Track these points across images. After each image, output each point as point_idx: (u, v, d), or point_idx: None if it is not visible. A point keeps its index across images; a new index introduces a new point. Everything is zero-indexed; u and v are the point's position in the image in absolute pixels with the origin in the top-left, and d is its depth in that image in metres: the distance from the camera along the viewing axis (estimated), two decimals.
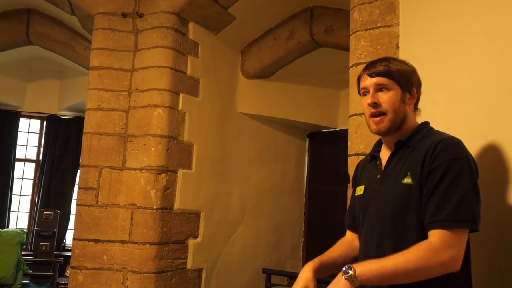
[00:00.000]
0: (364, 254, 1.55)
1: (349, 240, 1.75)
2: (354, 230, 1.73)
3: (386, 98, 1.51)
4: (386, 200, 1.49)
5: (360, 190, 1.64)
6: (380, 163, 1.59)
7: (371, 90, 1.53)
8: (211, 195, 3.92)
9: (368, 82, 1.54)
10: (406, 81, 1.53)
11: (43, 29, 4.95)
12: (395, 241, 1.44)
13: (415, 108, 1.60)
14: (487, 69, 1.87)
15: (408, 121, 1.54)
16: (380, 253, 1.45)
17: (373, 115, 1.53)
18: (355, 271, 1.32)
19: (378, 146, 1.67)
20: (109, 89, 3.53)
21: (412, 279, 1.32)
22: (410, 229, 1.42)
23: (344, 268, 1.35)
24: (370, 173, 1.63)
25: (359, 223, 1.63)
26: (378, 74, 1.52)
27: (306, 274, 1.50)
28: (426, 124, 1.58)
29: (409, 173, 1.44)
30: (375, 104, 1.52)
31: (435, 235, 1.33)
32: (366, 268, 1.34)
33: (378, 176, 1.56)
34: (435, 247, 1.31)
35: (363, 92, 1.57)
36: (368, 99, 1.53)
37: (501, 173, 1.73)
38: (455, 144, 1.42)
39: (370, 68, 1.55)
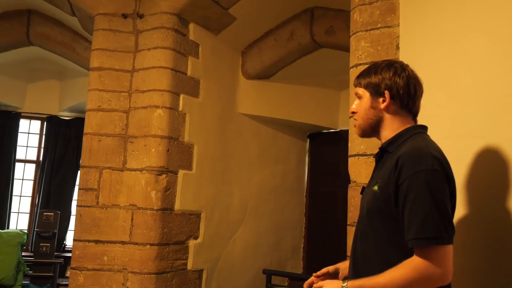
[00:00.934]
0: (351, 252, 1.65)
1: None
2: None
3: (358, 108, 1.63)
4: (364, 203, 1.58)
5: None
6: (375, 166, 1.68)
7: (356, 99, 1.66)
8: (211, 196, 3.92)
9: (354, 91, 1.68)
10: (374, 86, 1.57)
11: (44, 30, 4.95)
12: (364, 244, 1.53)
13: (406, 110, 1.57)
14: (488, 70, 1.87)
15: (387, 125, 1.57)
16: (354, 254, 1.57)
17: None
18: None
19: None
20: (110, 90, 3.53)
21: None
22: (376, 234, 1.48)
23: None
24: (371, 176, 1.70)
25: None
26: (355, 85, 1.65)
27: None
28: (411, 129, 1.55)
29: (378, 180, 1.49)
30: (352, 112, 1.67)
31: (418, 254, 1.35)
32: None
33: (370, 180, 1.64)
34: (419, 267, 1.33)
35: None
36: None
37: (501, 173, 1.73)
38: (417, 155, 1.41)
39: (355, 78, 1.67)
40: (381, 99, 1.56)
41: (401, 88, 1.55)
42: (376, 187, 1.48)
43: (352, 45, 2.48)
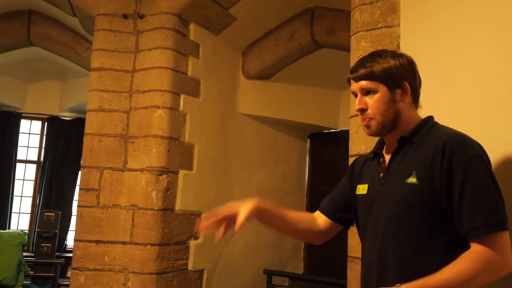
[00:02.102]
0: (367, 256, 1.49)
1: (314, 216, 1.74)
2: (326, 214, 1.71)
3: (371, 103, 1.46)
4: (389, 200, 1.42)
5: (363, 189, 1.56)
6: (384, 161, 1.52)
7: (359, 95, 1.50)
8: (212, 196, 3.92)
9: (354, 86, 1.51)
10: (392, 78, 1.45)
11: (44, 30, 4.95)
12: (397, 245, 1.38)
13: (415, 102, 1.52)
14: (489, 69, 1.87)
15: (404, 118, 1.47)
16: (382, 258, 1.41)
17: (363, 119, 1.50)
18: None
19: (381, 143, 1.60)
20: (110, 90, 3.53)
21: None
22: (414, 233, 1.35)
23: None
24: (374, 172, 1.55)
25: (362, 224, 1.55)
26: (361, 78, 1.47)
27: (247, 204, 1.57)
28: (429, 119, 1.51)
29: (414, 172, 1.37)
30: (362, 110, 1.49)
31: (480, 243, 1.26)
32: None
33: (381, 175, 1.49)
34: (484, 257, 1.25)
35: (354, 95, 1.54)
36: (355, 104, 1.51)
37: (502, 173, 1.73)
38: (465, 141, 1.35)
39: (354, 71, 1.50)
40: (399, 91, 1.46)
41: (416, 78, 1.50)
42: (413, 180, 1.35)
43: (353, 45, 2.48)
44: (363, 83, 1.47)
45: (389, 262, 1.39)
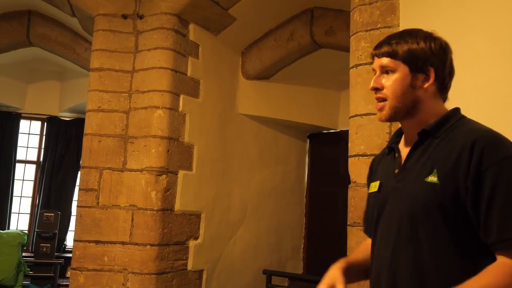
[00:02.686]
0: (378, 261, 1.34)
1: (368, 243, 1.50)
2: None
3: (388, 84, 1.31)
4: (404, 199, 1.27)
5: (374, 186, 1.40)
6: (400, 156, 1.36)
7: (377, 72, 1.35)
8: (212, 196, 3.92)
9: (374, 63, 1.36)
10: (417, 60, 1.30)
11: (44, 31, 4.95)
12: (414, 250, 1.23)
13: (441, 92, 1.36)
14: (488, 70, 1.87)
15: (424, 108, 1.32)
16: (394, 262, 1.27)
17: (377, 100, 1.35)
18: None
19: (397, 136, 1.43)
20: (110, 91, 3.53)
21: None
22: (433, 237, 1.21)
23: None
24: (388, 167, 1.39)
25: (373, 225, 1.39)
26: (383, 55, 1.33)
27: (333, 271, 1.31)
28: (456, 111, 1.35)
29: (435, 170, 1.21)
30: (376, 89, 1.34)
31: (508, 257, 1.12)
32: None
33: (397, 171, 1.33)
34: None
35: (374, 72, 1.38)
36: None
37: None
38: (498, 140, 1.20)
39: (377, 47, 1.36)
40: (421, 77, 1.30)
41: (447, 67, 1.34)
42: (434, 178, 1.20)
43: (352, 45, 2.48)
44: (384, 60, 1.32)
45: (403, 267, 1.25)
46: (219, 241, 4.01)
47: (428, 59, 1.31)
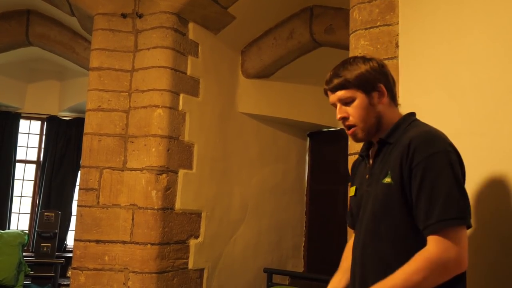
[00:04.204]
0: (353, 254, 1.54)
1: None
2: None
3: (352, 111, 1.48)
4: (370, 201, 1.46)
5: (352, 191, 1.61)
6: (369, 163, 1.56)
7: (338, 105, 1.52)
8: (212, 195, 3.92)
9: (332, 98, 1.53)
10: (366, 83, 1.46)
11: (43, 30, 4.95)
12: (377, 244, 1.41)
13: (393, 101, 1.53)
14: (487, 67, 1.87)
15: (385, 119, 1.49)
16: (364, 255, 1.45)
17: (346, 128, 1.53)
18: None
19: (368, 144, 1.62)
20: (109, 90, 3.53)
21: None
22: (391, 231, 1.38)
23: None
24: (361, 174, 1.60)
25: (357, 226, 1.58)
26: (337, 88, 1.49)
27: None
28: (407, 117, 1.52)
29: (389, 172, 1.40)
30: (343, 119, 1.51)
31: (432, 242, 1.28)
32: None
33: (367, 176, 1.52)
34: (434, 255, 1.26)
35: (333, 106, 1.55)
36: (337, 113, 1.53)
37: (501, 170, 1.73)
38: (430, 138, 1.37)
39: (329, 83, 1.52)
40: (376, 94, 1.47)
41: (390, 79, 1.51)
42: (388, 179, 1.39)
43: (352, 43, 2.48)
44: (340, 93, 1.49)
45: (369, 260, 1.43)
46: (219, 240, 4.01)
47: (375, 77, 1.47)
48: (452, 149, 1.37)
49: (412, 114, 1.53)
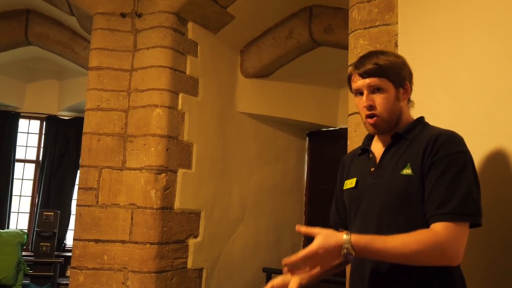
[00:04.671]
0: None
1: None
2: (343, 227, 1.64)
3: (380, 101, 1.46)
4: (383, 192, 1.44)
5: (351, 183, 1.57)
6: (374, 156, 1.54)
7: (365, 92, 1.48)
8: (211, 195, 3.92)
9: (360, 83, 1.48)
10: (398, 76, 1.48)
11: (42, 30, 4.95)
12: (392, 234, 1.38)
13: (409, 100, 1.56)
14: (487, 67, 1.87)
15: (403, 116, 1.52)
16: None
17: (368, 116, 1.49)
18: (352, 246, 1.27)
19: (369, 139, 1.63)
20: (109, 89, 3.53)
21: (409, 262, 1.30)
22: (411, 223, 1.36)
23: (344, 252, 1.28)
24: (362, 167, 1.57)
25: (351, 219, 1.57)
26: (370, 75, 1.46)
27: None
28: (422, 118, 1.56)
29: (408, 164, 1.40)
30: (370, 107, 1.47)
31: (440, 226, 1.30)
32: (363, 242, 1.28)
33: (372, 169, 1.51)
34: (439, 236, 1.28)
35: (356, 93, 1.52)
36: (363, 101, 1.48)
37: (501, 170, 1.73)
38: (457, 138, 1.41)
39: (360, 67, 1.48)
40: (401, 90, 1.50)
41: (411, 76, 1.55)
42: (408, 171, 1.39)
43: (351, 43, 2.48)
44: (371, 80, 1.46)
45: None
46: (218, 240, 4.01)
47: (405, 73, 1.51)
48: (470, 154, 1.41)
49: (424, 118, 1.57)
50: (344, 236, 1.28)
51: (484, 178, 1.78)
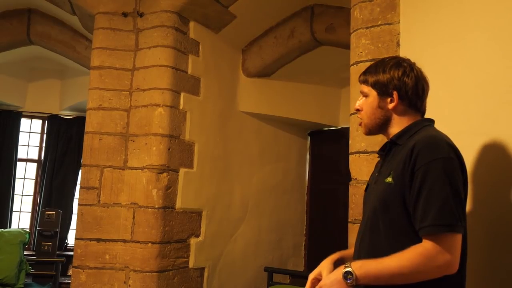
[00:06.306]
0: (354, 248, 1.62)
1: None
2: None
3: (364, 105, 1.62)
4: (372, 197, 1.55)
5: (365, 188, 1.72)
6: (380, 161, 1.66)
7: (361, 96, 1.65)
8: (212, 194, 3.92)
9: (360, 88, 1.66)
10: (383, 86, 1.56)
11: (44, 29, 4.95)
12: (374, 238, 1.49)
13: (414, 108, 1.57)
14: (489, 67, 1.86)
15: (394, 123, 1.57)
16: (361, 246, 1.54)
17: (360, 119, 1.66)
18: (356, 277, 1.37)
19: (385, 144, 1.68)
20: (110, 89, 3.53)
21: (409, 281, 1.35)
22: (389, 227, 1.44)
23: (344, 273, 1.38)
24: (375, 171, 1.69)
25: None
26: (362, 82, 1.63)
27: (325, 262, 1.63)
28: (421, 122, 1.57)
29: (391, 172, 1.47)
30: (357, 110, 1.65)
31: (427, 239, 1.34)
32: (364, 272, 1.38)
33: (377, 175, 1.61)
34: (428, 252, 1.32)
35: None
36: None
37: (503, 170, 1.73)
38: (433, 143, 1.41)
39: (360, 75, 1.66)
40: (388, 99, 1.56)
41: (409, 89, 1.55)
42: (389, 179, 1.46)
43: (353, 42, 2.48)
44: (361, 86, 1.63)
45: (364, 251, 1.51)
46: (220, 239, 4.01)
47: (393, 85, 1.55)
48: (454, 156, 1.40)
49: (428, 120, 1.59)
50: (343, 270, 1.39)
51: (484, 178, 1.78)
